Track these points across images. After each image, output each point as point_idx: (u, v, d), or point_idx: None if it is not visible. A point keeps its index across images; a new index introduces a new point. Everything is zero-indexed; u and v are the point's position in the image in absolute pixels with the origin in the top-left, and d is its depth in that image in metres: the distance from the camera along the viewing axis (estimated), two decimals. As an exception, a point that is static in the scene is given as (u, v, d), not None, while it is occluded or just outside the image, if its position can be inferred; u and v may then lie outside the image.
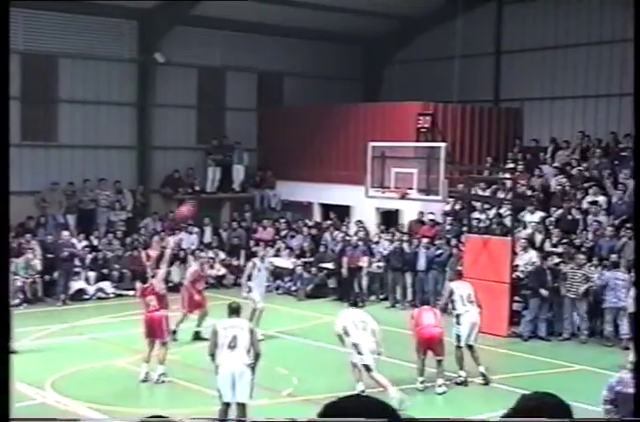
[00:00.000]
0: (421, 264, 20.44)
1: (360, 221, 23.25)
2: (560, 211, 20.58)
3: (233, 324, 10.80)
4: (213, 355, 10.63)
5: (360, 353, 12.39)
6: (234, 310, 11.05)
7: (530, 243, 19.26)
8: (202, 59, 26.12)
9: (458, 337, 13.88)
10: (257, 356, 10.69)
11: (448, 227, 21.61)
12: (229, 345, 10.53)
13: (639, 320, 11.91)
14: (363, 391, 12.10)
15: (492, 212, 21.27)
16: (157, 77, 25.06)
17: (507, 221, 19.95)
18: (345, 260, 21.49)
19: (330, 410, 2.34)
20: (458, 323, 13.94)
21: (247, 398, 10.51)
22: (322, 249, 23.12)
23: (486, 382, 13.69)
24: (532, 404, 3.53)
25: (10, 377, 1.66)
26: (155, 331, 13.62)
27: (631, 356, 8.63)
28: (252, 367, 10.56)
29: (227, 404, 10.59)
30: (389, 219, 23.43)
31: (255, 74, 27.58)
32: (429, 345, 13.33)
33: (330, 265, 22.32)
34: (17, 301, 20.04)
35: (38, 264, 20.98)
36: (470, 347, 13.91)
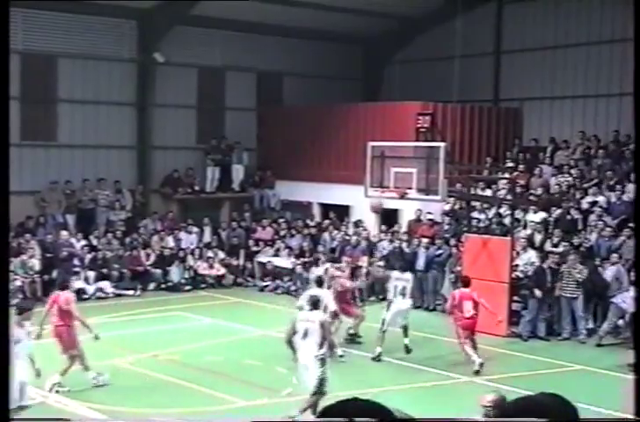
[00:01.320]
0: (420, 263, 20.44)
1: (359, 220, 23.23)
2: (559, 211, 20.59)
3: (307, 317, 11.50)
4: (289, 342, 11.38)
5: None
6: (313, 303, 11.84)
7: (530, 242, 19.27)
8: (202, 59, 26.12)
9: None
10: (330, 347, 11.54)
11: (448, 226, 21.62)
12: (302, 336, 11.35)
13: (639, 320, 11.94)
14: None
15: (492, 212, 21.28)
16: (157, 77, 25.05)
17: (507, 221, 19.95)
18: (344, 260, 21.43)
19: (328, 413, 2.34)
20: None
21: (312, 387, 11.03)
22: (321, 248, 23.12)
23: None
24: (533, 405, 3.53)
25: (10, 378, 1.66)
26: (60, 344, 13.29)
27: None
28: (322, 359, 11.17)
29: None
30: (388, 219, 23.43)
31: (255, 74, 27.58)
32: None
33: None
34: (16, 300, 20.02)
35: (37, 263, 20.99)
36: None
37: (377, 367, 14.96)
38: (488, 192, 22.41)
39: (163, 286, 22.69)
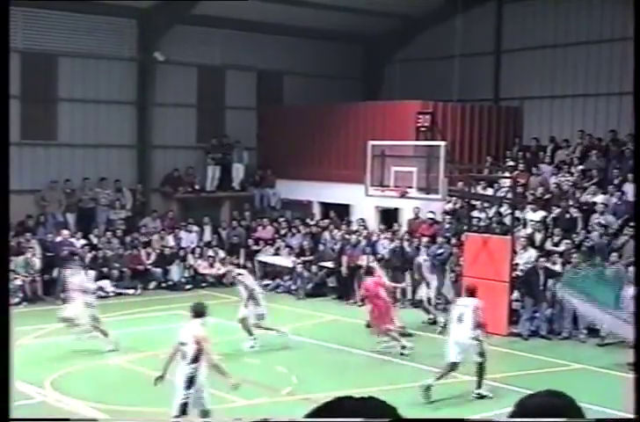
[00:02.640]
0: (421, 263, 20.38)
1: (362, 219, 23.21)
2: (558, 210, 20.58)
3: (464, 303, 13.03)
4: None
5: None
6: (469, 290, 13.47)
7: (530, 241, 19.27)
8: (202, 58, 26.11)
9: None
10: (480, 327, 12.90)
11: (448, 226, 21.61)
12: (456, 319, 12.82)
13: (639, 321, 11.92)
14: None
15: (492, 211, 21.27)
16: (157, 76, 25.04)
17: (507, 220, 19.94)
18: (344, 259, 21.49)
19: (327, 409, 2.32)
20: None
21: (478, 358, 12.73)
22: (321, 248, 23.13)
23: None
24: (537, 402, 3.53)
25: (11, 377, 1.66)
26: None
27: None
28: (477, 338, 12.75)
29: (454, 364, 12.80)
30: (388, 218, 23.43)
31: (255, 73, 27.57)
32: None
33: (329, 264, 22.32)
34: (16, 299, 20.04)
35: (37, 262, 21.00)
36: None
37: (377, 367, 14.95)
38: (488, 191, 22.40)
39: (163, 285, 22.70)
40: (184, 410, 10.18)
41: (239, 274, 16.72)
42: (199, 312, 10.45)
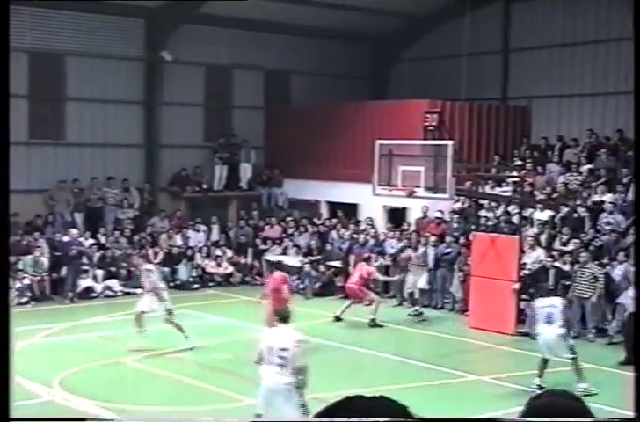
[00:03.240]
0: (429, 262, 20.41)
1: (370, 218, 23.19)
2: (566, 209, 20.53)
3: (549, 303, 13.39)
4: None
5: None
6: (548, 291, 14.29)
7: (538, 241, 19.23)
8: (209, 57, 26.12)
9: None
10: (567, 326, 13.37)
11: (456, 225, 21.58)
12: (545, 320, 13.14)
13: (639, 320, 11.88)
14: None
15: (500, 210, 21.24)
16: (164, 76, 25.06)
17: (515, 220, 19.91)
18: (352, 258, 21.47)
19: (334, 410, 2.31)
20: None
21: (568, 354, 13.11)
22: (329, 247, 23.12)
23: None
24: (544, 403, 3.52)
25: (11, 376, 1.66)
26: None
27: None
28: (564, 335, 13.19)
29: (546, 360, 13.22)
30: (396, 217, 23.41)
31: (262, 72, 27.57)
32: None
33: (337, 264, 22.31)
34: (25, 299, 20.10)
35: (45, 262, 21.04)
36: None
37: (384, 366, 14.94)
38: (496, 191, 22.36)
39: (171, 284, 22.68)
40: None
41: (148, 270, 16.64)
42: (285, 317, 10.61)
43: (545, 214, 20.53)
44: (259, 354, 10.16)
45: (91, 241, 22.39)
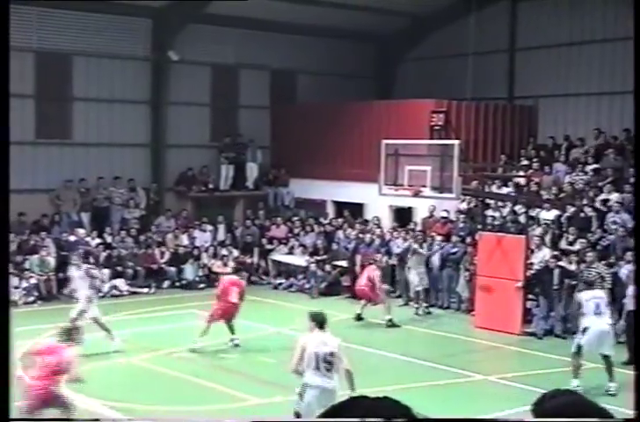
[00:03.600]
0: (435, 261, 20.41)
1: (376, 217, 23.18)
2: (573, 209, 20.50)
3: (594, 295, 13.52)
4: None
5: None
6: (590, 283, 14.65)
7: (544, 241, 19.21)
8: (215, 57, 26.14)
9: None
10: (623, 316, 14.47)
11: (462, 224, 21.57)
12: (594, 312, 13.20)
13: (639, 320, 11.86)
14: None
15: (506, 210, 21.22)
16: (171, 75, 25.09)
17: (522, 219, 19.89)
18: (358, 258, 21.47)
19: (340, 410, 2.32)
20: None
21: (611, 351, 13.25)
22: (335, 246, 23.13)
23: None
24: (564, 401, 3.53)
25: (11, 376, 1.67)
26: None
27: None
28: (614, 324, 13.75)
29: (580, 357, 13.35)
30: (402, 216, 23.41)
31: (268, 72, 27.59)
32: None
33: (343, 263, 22.32)
34: (31, 298, 20.15)
35: (52, 261, 21.08)
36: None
37: (390, 366, 14.94)
38: (503, 190, 22.34)
39: (177, 284, 22.76)
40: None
41: (92, 272, 16.56)
42: (321, 322, 10.02)
43: (551, 214, 20.51)
44: (300, 362, 9.68)
45: (98, 240, 22.44)
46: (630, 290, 15.53)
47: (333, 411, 2.32)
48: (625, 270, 17.29)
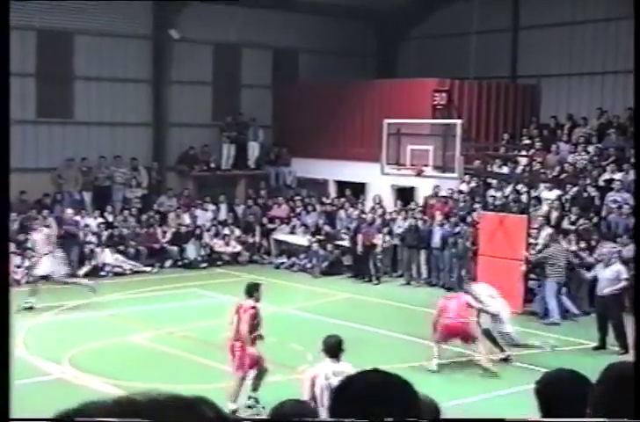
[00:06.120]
0: (436, 241, 20.41)
1: (378, 196, 23.14)
2: (576, 188, 20.47)
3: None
4: None
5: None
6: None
7: (547, 220, 19.19)
8: (217, 35, 26.01)
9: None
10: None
11: (464, 204, 21.55)
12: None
13: (639, 320, 11.88)
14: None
15: (508, 189, 21.19)
16: (173, 54, 24.99)
17: (524, 199, 19.86)
18: (360, 237, 21.49)
19: (349, 383, 2.33)
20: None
21: None
22: (337, 226, 23.14)
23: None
24: (553, 378, 3.56)
25: (11, 376, 1.66)
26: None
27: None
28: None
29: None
30: (404, 196, 23.38)
31: (270, 50, 27.46)
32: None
33: (345, 243, 22.33)
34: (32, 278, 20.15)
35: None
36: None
37: (392, 345, 14.99)
38: (505, 170, 22.31)
39: (179, 263, 22.79)
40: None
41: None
42: (336, 352, 8.90)
43: (553, 194, 20.48)
44: (312, 395, 8.32)
45: (100, 220, 22.45)
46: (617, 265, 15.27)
47: (344, 383, 2.35)
48: (624, 252, 17.20)
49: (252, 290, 11.37)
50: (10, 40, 1.97)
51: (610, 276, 14.85)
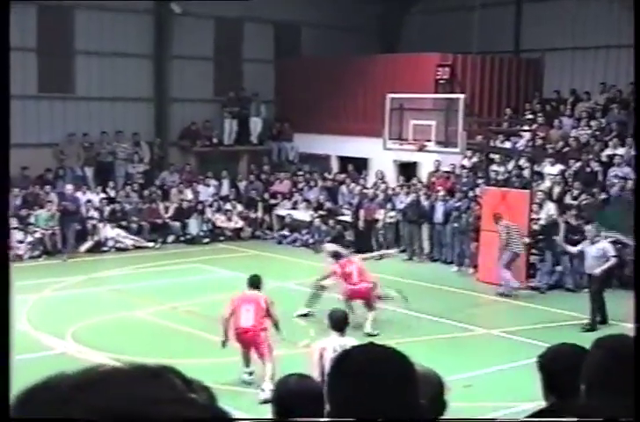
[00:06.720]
0: (438, 216, 20.40)
1: (380, 171, 23.10)
2: (579, 163, 20.42)
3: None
4: None
5: None
6: None
7: (548, 195, 19.17)
8: (219, 10, 25.81)
9: None
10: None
11: (466, 179, 21.52)
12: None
13: (639, 317, 11.88)
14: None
15: (511, 164, 21.14)
16: (174, 29, 24.83)
17: (526, 174, 19.82)
18: (362, 213, 21.48)
19: (347, 357, 2.33)
20: None
21: None
22: (339, 201, 23.13)
23: None
24: (551, 353, 3.57)
25: (10, 376, 1.66)
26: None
27: None
28: None
29: None
30: (407, 171, 23.34)
31: (272, 25, 27.28)
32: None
33: (347, 218, 22.33)
34: (36, 252, 20.23)
35: (57, 216, 21.08)
36: None
37: (395, 320, 15.03)
38: (507, 145, 22.25)
39: (181, 238, 22.81)
40: None
41: None
42: (342, 326, 8.99)
43: (556, 169, 20.43)
44: (321, 369, 8.09)
45: (102, 195, 22.46)
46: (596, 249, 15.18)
47: (343, 355, 2.36)
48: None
49: (258, 282, 11.40)
50: (9, 39, 1.94)
51: (596, 253, 14.69)
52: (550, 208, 18.52)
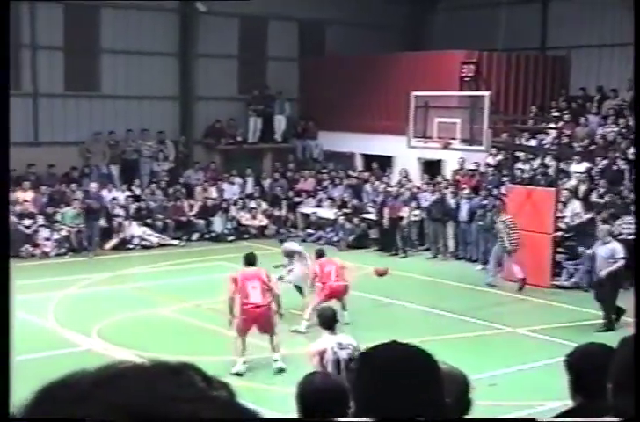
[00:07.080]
0: (463, 214, 20.33)
1: (404, 169, 23.06)
2: (605, 161, 20.28)
3: None
4: None
5: None
6: None
7: (574, 193, 19.04)
8: (244, 8, 25.82)
9: None
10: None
11: (491, 177, 21.43)
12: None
13: (639, 316, 11.76)
14: None
15: (537, 162, 21.02)
16: (199, 27, 24.91)
17: (551, 172, 19.70)
18: (386, 211, 21.45)
19: (369, 355, 2.33)
20: None
21: None
22: (364, 199, 23.11)
23: None
24: (578, 353, 3.55)
25: (10, 375, 1.67)
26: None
27: None
28: None
29: None
30: (431, 169, 23.28)
31: (297, 23, 27.29)
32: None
33: (371, 216, 22.31)
34: (63, 250, 20.37)
35: (82, 213, 21.21)
36: None
37: (419, 318, 15.01)
38: (533, 143, 22.13)
39: (206, 236, 22.88)
40: None
41: None
42: (330, 323, 8.88)
43: (581, 167, 20.30)
44: (324, 368, 8.18)
45: (127, 193, 22.58)
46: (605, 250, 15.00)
47: (365, 355, 2.36)
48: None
49: (254, 259, 12.35)
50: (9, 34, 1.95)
51: (605, 254, 14.41)
52: (576, 207, 18.39)
